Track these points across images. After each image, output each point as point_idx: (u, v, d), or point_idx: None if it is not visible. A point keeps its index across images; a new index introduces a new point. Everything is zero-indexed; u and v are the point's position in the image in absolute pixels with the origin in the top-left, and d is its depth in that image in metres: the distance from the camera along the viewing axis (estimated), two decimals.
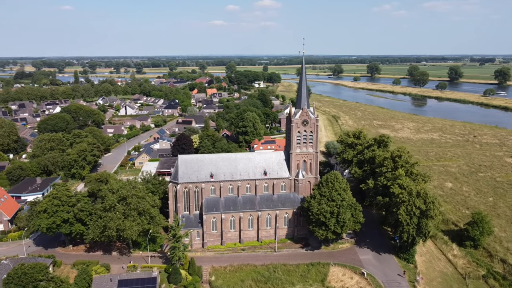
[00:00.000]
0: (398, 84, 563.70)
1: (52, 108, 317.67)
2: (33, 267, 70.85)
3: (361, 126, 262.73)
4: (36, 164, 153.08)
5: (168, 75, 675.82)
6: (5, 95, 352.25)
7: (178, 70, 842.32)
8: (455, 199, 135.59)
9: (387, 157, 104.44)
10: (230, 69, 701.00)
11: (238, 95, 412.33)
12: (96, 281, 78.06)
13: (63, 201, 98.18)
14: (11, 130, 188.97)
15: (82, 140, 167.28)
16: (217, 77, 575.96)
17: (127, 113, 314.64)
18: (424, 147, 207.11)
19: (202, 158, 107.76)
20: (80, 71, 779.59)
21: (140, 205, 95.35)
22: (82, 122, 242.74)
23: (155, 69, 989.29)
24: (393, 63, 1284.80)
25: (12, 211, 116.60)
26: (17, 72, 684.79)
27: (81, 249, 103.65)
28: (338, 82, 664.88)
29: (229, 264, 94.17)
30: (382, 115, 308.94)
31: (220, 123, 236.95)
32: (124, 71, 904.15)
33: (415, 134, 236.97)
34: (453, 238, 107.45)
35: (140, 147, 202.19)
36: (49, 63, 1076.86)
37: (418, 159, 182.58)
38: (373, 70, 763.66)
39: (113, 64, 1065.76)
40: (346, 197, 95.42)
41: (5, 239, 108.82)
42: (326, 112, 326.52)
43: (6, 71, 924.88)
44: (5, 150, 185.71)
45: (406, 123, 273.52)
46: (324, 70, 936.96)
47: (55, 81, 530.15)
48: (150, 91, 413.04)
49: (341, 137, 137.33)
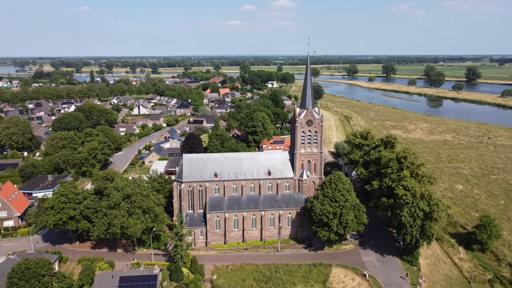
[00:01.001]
0: (414, 84, 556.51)
1: (67, 107, 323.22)
2: (36, 263, 72.38)
3: (373, 126, 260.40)
4: (48, 162, 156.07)
5: (183, 75, 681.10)
6: (22, 94, 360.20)
7: (192, 70, 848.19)
8: (464, 202, 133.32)
9: (392, 158, 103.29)
10: (244, 69, 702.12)
11: (250, 95, 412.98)
12: (98, 277, 79.28)
13: (69, 198, 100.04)
14: (25, 129, 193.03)
15: (93, 139, 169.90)
16: (231, 77, 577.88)
17: (140, 112, 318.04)
18: (436, 148, 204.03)
19: (207, 157, 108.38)
20: (96, 71, 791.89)
21: (144, 203, 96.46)
22: (95, 121, 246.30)
23: (171, 69, 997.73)
24: (409, 63, 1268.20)
25: (22, 207, 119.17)
26: (36, 71, 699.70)
27: (87, 246, 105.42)
28: (353, 82, 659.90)
29: (231, 263, 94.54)
30: (395, 115, 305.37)
31: (231, 122, 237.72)
32: (139, 71, 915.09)
33: (428, 135, 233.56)
34: (460, 241, 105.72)
35: (151, 146, 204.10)
36: (67, 63, 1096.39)
37: (429, 160, 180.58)
38: (388, 70, 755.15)
39: (129, 64, 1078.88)
40: (350, 198, 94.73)
41: (15, 234, 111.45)
42: (338, 112, 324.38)
43: (26, 70, 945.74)
44: (19, 148, 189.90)
45: (419, 124, 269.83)
46: (339, 70, 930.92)
47: (71, 81, 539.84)
48: (163, 91, 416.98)
49: (349, 137, 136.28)
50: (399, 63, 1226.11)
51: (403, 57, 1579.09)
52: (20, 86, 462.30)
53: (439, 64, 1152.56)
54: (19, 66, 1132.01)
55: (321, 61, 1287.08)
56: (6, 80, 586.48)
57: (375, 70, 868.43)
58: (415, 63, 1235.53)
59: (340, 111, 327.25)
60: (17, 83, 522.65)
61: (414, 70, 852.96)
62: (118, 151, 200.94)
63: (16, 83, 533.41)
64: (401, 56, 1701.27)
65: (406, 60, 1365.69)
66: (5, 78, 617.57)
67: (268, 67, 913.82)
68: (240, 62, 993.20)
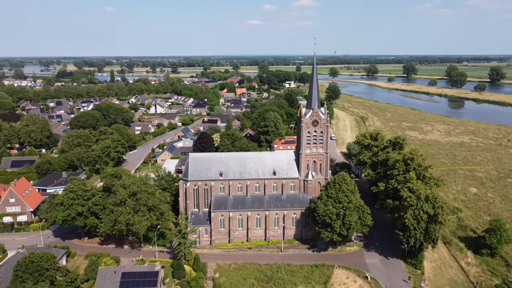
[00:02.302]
0: (434, 85, 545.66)
1: (86, 105, 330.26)
2: (41, 257, 74.49)
3: (389, 127, 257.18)
4: (63, 159, 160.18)
5: (201, 75, 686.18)
6: (44, 93, 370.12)
7: (211, 69, 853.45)
8: (477, 205, 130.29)
9: (399, 159, 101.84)
10: (262, 69, 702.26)
11: (267, 95, 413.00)
12: (101, 272, 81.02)
13: (78, 195, 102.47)
14: (44, 126, 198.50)
15: (107, 137, 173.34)
16: (248, 77, 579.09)
17: (157, 111, 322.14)
18: (452, 150, 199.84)
19: (212, 156, 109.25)
20: (118, 71, 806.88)
21: (149, 201, 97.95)
22: (112, 120, 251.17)
23: (190, 68, 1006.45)
24: (432, 63, 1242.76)
25: (35, 203, 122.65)
26: (59, 71, 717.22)
27: (95, 242, 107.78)
28: (372, 82, 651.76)
29: (233, 262, 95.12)
30: (413, 116, 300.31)
31: (244, 122, 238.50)
32: (159, 70, 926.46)
33: (445, 137, 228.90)
34: (469, 245, 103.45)
35: (165, 145, 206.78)
36: (90, 62, 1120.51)
37: (444, 162, 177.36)
38: (409, 71, 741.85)
39: (150, 64, 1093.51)
40: (354, 199, 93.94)
41: (27, 229, 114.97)
42: (354, 113, 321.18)
43: (50, 70, 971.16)
44: (38, 145, 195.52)
45: (437, 125, 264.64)
46: (358, 70, 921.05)
47: (93, 80, 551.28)
48: (181, 90, 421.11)
49: (358, 138, 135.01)
50: (421, 63, 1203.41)
51: (425, 57, 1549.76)
52: (43, 85, 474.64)
53: (462, 64, 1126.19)
54: (44, 65, 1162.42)
55: (340, 61, 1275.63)
56: (31, 79, 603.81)
57: (396, 70, 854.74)
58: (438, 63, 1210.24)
59: (357, 112, 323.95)
60: (41, 82, 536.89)
61: (436, 70, 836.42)
62: (132, 149, 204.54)
63: (40, 82, 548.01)
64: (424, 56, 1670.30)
65: (428, 60, 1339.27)
66: (29, 77, 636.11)
67: (287, 67, 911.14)
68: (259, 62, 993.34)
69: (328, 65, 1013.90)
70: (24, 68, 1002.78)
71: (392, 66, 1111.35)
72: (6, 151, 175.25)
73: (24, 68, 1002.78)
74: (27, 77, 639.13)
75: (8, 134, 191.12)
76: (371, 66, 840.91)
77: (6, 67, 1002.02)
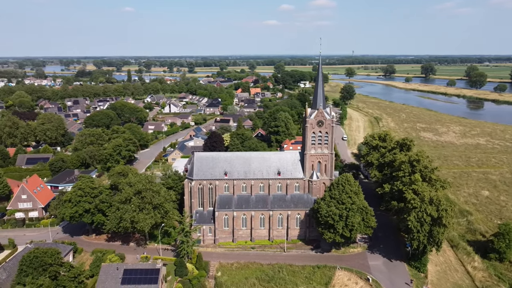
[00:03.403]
0: (453, 85, 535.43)
1: (102, 104, 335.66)
2: (45, 252, 76.33)
3: (403, 128, 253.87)
4: (76, 157, 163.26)
5: (217, 75, 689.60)
6: (62, 92, 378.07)
7: (228, 69, 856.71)
8: (488, 209, 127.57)
9: (405, 161, 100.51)
10: (278, 69, 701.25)
11: (281, 94, 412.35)
12: (104, 268, 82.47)
13: (86, 192, 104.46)
14: (59, 125, 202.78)
15: (119, 136, 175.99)
16: (264, 77, 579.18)
17: (171, 110, 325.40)
18: (467, 152, 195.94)
19: (217, 156, 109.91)
20: (135, 70, 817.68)
21: (154, 199, 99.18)
22: (126, 119, 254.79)
23: (207, 68, 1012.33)
24: (452, 63, 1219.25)
25: (46, 199, 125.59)
26: (79, 70, 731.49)
27: (102, 239, 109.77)
28: (389, 83, 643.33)
29: (236, 261, 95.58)
30: (428, 117, 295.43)
31: (256, 122, 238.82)
32: (176, 70, 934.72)
33: (460, 139, 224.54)
34: (477, 249, 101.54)
35: (177, 144, 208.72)
36: (108, 62, 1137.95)
37: (457, 164, 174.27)
38: (427, 71, 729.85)
39: (167, 64, 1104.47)
40: (357, 200, 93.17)
41: (38, 225, 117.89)
42: (368, 113, 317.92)
43: (70, 69, 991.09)
44: (53, 143, 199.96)
45: (452, 126, 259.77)
46: (376, 70, 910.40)
47: (110, 79, 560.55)
48: (196, 90, 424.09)
49: (366, 139, 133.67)
50: (440, 63, 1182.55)
51: (445, 57, 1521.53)
52: (62, 84, 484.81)
53: (484, 64, 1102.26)
54: (64, 65, 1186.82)
55: (358, 61, 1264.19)
56: (51, 78, 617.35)
57: (414, 71, 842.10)
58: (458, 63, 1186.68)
59: (371, 112, 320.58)
60: (60, 82, 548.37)
61: (455, 71, 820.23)
62: (144, 148, 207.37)
63: (59, 81, 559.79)
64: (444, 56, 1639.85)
65: (448, 60, 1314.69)
66: (50, 77, 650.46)
67: (304, 67, 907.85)
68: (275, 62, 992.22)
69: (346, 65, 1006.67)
70: (46, 68, 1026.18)
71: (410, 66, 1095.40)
72: (22, 148, 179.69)
73: (46, 68, 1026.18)
74: (48, 77, 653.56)
75: (24, 132, 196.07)
76: (388, 66, 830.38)
77: (28, 67, 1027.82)
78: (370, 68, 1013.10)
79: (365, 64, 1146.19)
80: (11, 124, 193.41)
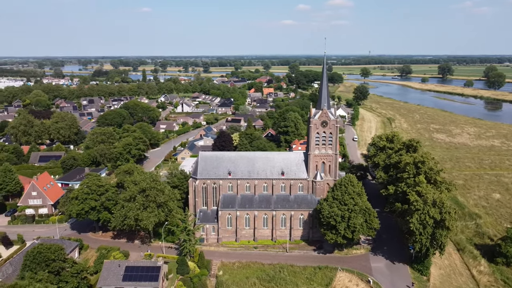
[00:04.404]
0: (470, 86, 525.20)
1: (117, 104, 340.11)
2: (48, 248, 77.90)
3: (416, 129, 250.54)
4: (87, 155, 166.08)
5: (231, 74, 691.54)
6: (78, 91, 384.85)
7: (242, 69, 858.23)
8: (499, 212, 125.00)
9: (409, 162, 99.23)
10: (292, 68, 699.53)
11: (293, 94, 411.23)
12: (106, 265, 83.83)
13: (92, 190, 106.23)
14: (72, 123, 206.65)
15: (129, 135, 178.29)
16: (278, 77, 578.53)
17: (184, 110, 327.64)
18: (480, 154, 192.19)
19: (222, 155, 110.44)
20: (151, 70, 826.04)
21: (158, 198, 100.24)
22: (139, 118, 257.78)
23: (222, 68, 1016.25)
24: (471, 63, 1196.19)
25: (56, 196, 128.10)
26: (96, 70, 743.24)
27: (108, 236, 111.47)
28: (405, 83, 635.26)
29: (237, 261, 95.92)
30: (442, 118, 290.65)
31: (267, 122, 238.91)
32: (191, 70, 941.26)
33: (474, 140, 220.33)
34: (484, 253, 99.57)
35: (187, 143, 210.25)
36: (125, 62, 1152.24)
37: (469, 166, 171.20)
38: (444, 71, 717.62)
39: (183, 63, 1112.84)
40: (360, 201, 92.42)
41: (47, 221, 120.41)
42: (381, 114, 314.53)
43: (88, 69, 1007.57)
44: (66, 141, 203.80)
45: (467, 128, 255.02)
46: (392, 71, 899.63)
47: (126, 79, 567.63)
48: (209, 90, 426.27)
49: (374, 139, 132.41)
50: (459, 63, 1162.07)
51: (464, 57, 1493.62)
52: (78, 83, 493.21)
53: (504, 64, 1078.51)
54: (82, 65, 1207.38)
55: (374, 61, 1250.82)
56: (68, 78, 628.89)
57: (431, 71, 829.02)
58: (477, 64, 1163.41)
59: (384, 113, 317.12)
60: (77, 81, 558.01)
61: (473, 71, 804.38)
62: (156, 147, 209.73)
63: (76, 81, 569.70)
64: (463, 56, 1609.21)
65: (467, 60, 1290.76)
66: (67, 76, 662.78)
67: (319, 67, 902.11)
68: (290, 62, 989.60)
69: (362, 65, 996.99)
70: (64, 67, 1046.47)
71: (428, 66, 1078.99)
72: (36, 146, 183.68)
73: (64, 67, 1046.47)
74: (65, 76, 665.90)
75: (39, 131, 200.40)
76: (404, 66, 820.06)
77: (47, 66, 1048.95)
78: (386, 68, 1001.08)
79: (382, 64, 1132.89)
80: (26, 122, 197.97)
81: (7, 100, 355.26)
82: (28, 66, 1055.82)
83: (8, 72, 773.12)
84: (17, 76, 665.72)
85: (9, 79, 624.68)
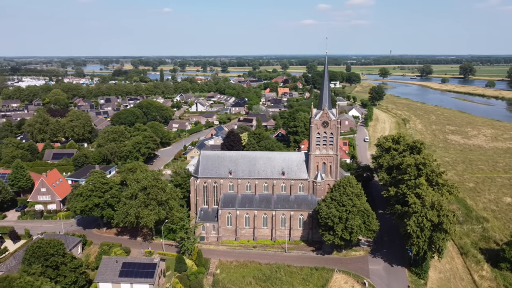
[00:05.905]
0: (492, 86, 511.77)
1: (133, 103, 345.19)
2: (48, 243, 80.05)
3: (431, 131, 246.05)
4: (98, 153, 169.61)
5: (248, 74, 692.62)
6: (96, 90, 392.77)
7: (260, 69, 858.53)
8: (508, 216, 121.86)
9: (411, 164, 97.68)
10: (310, 68, 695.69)
11: (308, 95, 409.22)
12: (104, 261, 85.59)
13: (96, 187, 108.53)
14: (86, 122, 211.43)
15: (140, 133, 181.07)
16: (294, 77, 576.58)
17: (198, 109, 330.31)
18: (495, 156, 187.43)
19: (223, 155, 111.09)
20: (170, 69, 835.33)
21: (159, 196, 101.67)
22: (152, 117, 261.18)
23: (240, 68, 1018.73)
24: (495, 64, 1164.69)
25: (64, 193, 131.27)
26: (116, 69, 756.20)
27: (112, 232, 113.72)
28: (424, 83, 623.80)
29: (235, 260, 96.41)
30: (459, 120, 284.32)
31: (279, 122, 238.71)
32: (209, 69, 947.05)
33: (490, 142, 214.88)
34: (488, 258, 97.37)
35: (198, 142, 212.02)
36: (145, 61, 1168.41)
37: (482, 169, 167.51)
38: (466, 71, 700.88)
39: (201, 63, 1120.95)
40: (358, 203, 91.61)
41: (55, 217, 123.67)
42: (397, 115, 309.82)
43: (109, 68, 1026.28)
44: (80, 139, 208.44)
45: (484, 129, 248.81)
46: (412, 71, 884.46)
47: (144, 79, 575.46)
48: (224, 89, 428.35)
49: (379, 140, 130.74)
50: (483, 63, 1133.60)
51: (489, 57, 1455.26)
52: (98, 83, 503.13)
53: None
54: (103, 64, 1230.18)
55: (394, 61, 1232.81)
56: (88, 77, 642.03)
57: (453, 71, 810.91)
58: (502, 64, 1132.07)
59: (400, 114, 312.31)
60: (97, 80, 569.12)
61: (497, 71, 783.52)
62: (167, 145, 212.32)
63: (96, 80, 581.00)
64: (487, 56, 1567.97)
65: (491, 60, 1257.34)
66: (88, 75, 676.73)
67: (337, 67, 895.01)
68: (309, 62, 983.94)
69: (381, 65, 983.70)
70: (86, 67, 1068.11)
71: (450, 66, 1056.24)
72: (50, 144, 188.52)
73: (86, 67, 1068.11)
74: (86, 75, 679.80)
75: (54, 129, 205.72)
76: (425, 66, 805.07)
77: (70, 66, 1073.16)
78: (407, 68, 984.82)
79: (402, 64, 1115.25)
80: (42, 120, 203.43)
81: (28, 99, 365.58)
82: (52, 65, 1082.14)
83: (32, 71, 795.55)
84: (40, 76, 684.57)
85: (32, 78, 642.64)
